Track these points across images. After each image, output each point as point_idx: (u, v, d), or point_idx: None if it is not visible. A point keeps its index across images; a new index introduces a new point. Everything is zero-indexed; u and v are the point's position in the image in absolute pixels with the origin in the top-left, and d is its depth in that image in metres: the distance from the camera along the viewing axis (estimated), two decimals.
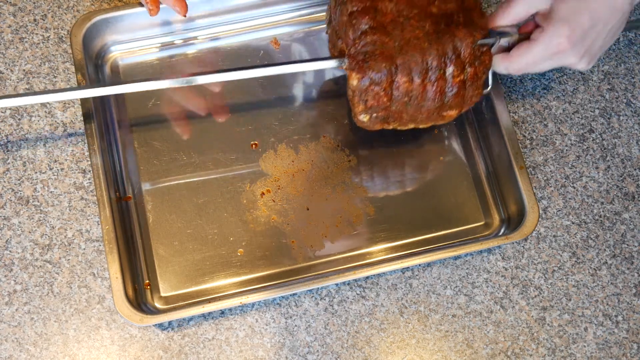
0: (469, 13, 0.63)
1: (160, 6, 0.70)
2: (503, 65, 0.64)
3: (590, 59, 0.62)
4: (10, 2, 0.78)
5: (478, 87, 0.65)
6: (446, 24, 0.62)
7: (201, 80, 0.64)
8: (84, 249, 0.71)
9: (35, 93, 0.64)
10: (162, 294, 0.70)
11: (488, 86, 0.67)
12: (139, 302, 0.68)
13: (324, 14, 0.79)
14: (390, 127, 0.68)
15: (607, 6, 0.59)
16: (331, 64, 0.65)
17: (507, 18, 0.63)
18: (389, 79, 0.62)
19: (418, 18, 0.62)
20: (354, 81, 0.62)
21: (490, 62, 0.64)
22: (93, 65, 0.74)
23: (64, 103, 0.75)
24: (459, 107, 0.65)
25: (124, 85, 0.65)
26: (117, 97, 0.75)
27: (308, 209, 0.73)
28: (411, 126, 0.68)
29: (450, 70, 0.62)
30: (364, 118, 0.65)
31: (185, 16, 0.70)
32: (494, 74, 0.67)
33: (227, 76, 0.65)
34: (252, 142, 0.75)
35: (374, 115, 0.65)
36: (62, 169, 0.73)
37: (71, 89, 0.65)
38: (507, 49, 0.64)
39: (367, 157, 0.75)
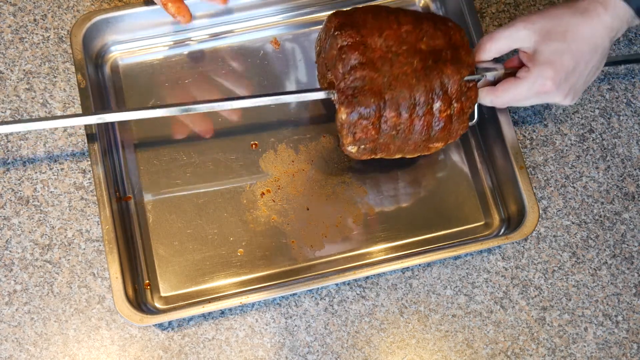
0: (457, 50, 0.65)
1: (160, 6, 0.71)
2: (489, 98, 0.66)
3: (574, 95, 0.65)
4: (10, 2, 0.78)
5: (464, 121, 0.66)
6: (434, 60, 0.64)
7: (187, 110, 0.66)
8: (84, 249, 0.71)
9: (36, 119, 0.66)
10: (162, 294, 0.70)
11: (474, 118, 0.70)
12: (139, 302, 0.68)
13: (324, 14, 0.79)
14: (378, 156, 0.69)
15: (588, 46, 0.62)
16: (320, 95, 0.67)
17: (490, 52, 0.65)
18: (377, 113, 0.63)
19: (407, 54, 0.64)
20: (342, 115, 0.63)
21: (476, 97, 0.66)
22: (93, 65, 0.74)
23: (64, 103, 0.75)
24: (445, 139, 0.67)
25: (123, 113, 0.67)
26: (117, 97, 0.75)
27: (308, 209, 0.73)
28: (398, 156, 0.69)
29: (437, 105, 0.64)
30: (352, 149, 0.67)
31: (225, 3, 0.72)
32: (479, 107, 0.70)
33: (215, 106, 0.66)
34: (252, 142, 0.75)
35: (362, 147, 0.66)
36: (62, 169, 0.73)
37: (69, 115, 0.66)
38: (493, 83, 0.67)
39: None
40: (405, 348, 0.71)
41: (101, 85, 0.75)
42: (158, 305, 0.70)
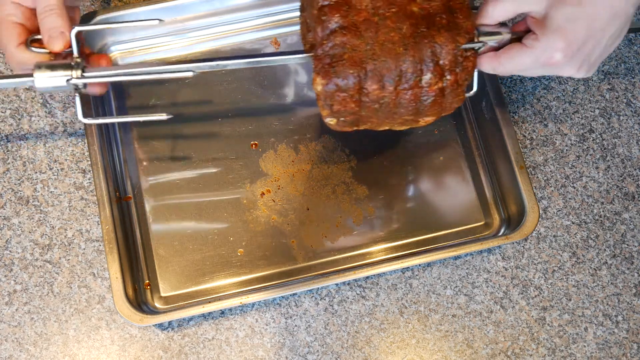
0: (455, 14, 0.57)
1: (160, 5, 0.71)
2: (490, 65, 0.59)
3: (589, 67, 0.58)
4: None
5: (459, 94, 0.59)
6: (427, 26, 0.56)
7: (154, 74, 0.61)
8: (84, 249, 0.71)
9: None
10: (162, 294, 0.70)
11: (472, 89, 0.63)
12: (139, 302, 0.68)
13: None
14: (362, 128, 0.63)
15: (607, 12, 0.54)
16: (299, 59, 0.61)
17: (493, 16, 0.58)
18: (357, 86, 0.56)
19: (395, 18, 0.56)
20: (318, 86, 0.57)
21: (473, 68, 0.59)
22: None
23: (64, 103, 0.75)
24: (437, 114, 0.61)
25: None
26: (118, 97, 0.75)
27: (308, 209, 0.73)
28: (386, 128, 0.64)
29: (427, 77, 0.57)
30: (330, 121, 0.61)
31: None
32: (481, 74, 0.63)
33: (194, 67, 0.61)
34: (252, 142, 0.75)
35: (342, 119, 0.60)
36: (62, 169, 0.73)
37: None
38: (497, 48, 0.60)
39: (367, 157, 0.75)
40: (405, 348, 0.71)
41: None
42: (158, 305, 0.70)
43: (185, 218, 0.72)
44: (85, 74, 0.59)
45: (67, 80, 0.59)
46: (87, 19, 0.72)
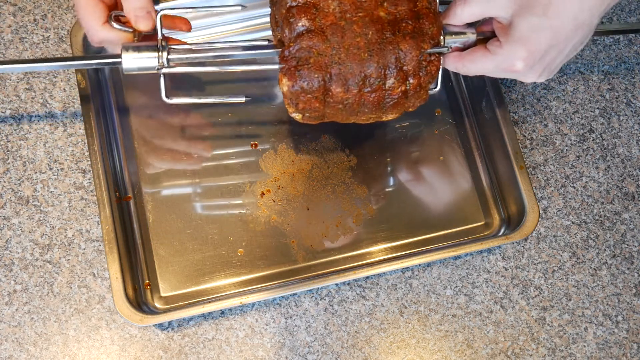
0: (421, 20, 0.59)
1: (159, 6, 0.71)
2: (454, 65, 0.61)
3: (548, 74, 0.59)
4: (10, 2, 0.78)
5: (422, 95, 0.61)
6: (392, 32, 0.58)
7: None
8: (84, 249, 0.71)
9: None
10: (162, 294, 0.70)
11: (437, 87, 0.63)
12: (139, 302, 0.68)
13: None
14: (327, 121, 0.65)
15: (571, 24, 0.54)
16: (267, 54, 0.61)
17: (460, 17, 0.59)
18: (322, 88, 0.58)
19: (362, 23, 0.57)
20: (284, 87, 0.58)
21: (437, 72, 0.60)
22: None
23: (64, 103, 0.75)
24: (400, 112, 0.63)
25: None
26: (118, 97, 0.75)
27: (308, 209, 0.73)
28: (351, 122, 0.65)
29: (390, 82, 0.58)
30: (296, 116, 0.62)
31: (190, 30, 0.68)
32: (445, 72, 0.63)
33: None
34: (252, 142, 0.75)
35: (307, 115, 0.61)
36: (62, 169, 0.73)
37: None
38: (463, 48, 0.61)
39: (367, 156, 0.75)
40: (405, 348, 0.71)
41: (101, 85, 0.75)
42: (158, 305, 0.70)
43: (185, 218, 0.72)
44: (170, 57, 0.60)
45: (158, 69, 0.60)
46: None
